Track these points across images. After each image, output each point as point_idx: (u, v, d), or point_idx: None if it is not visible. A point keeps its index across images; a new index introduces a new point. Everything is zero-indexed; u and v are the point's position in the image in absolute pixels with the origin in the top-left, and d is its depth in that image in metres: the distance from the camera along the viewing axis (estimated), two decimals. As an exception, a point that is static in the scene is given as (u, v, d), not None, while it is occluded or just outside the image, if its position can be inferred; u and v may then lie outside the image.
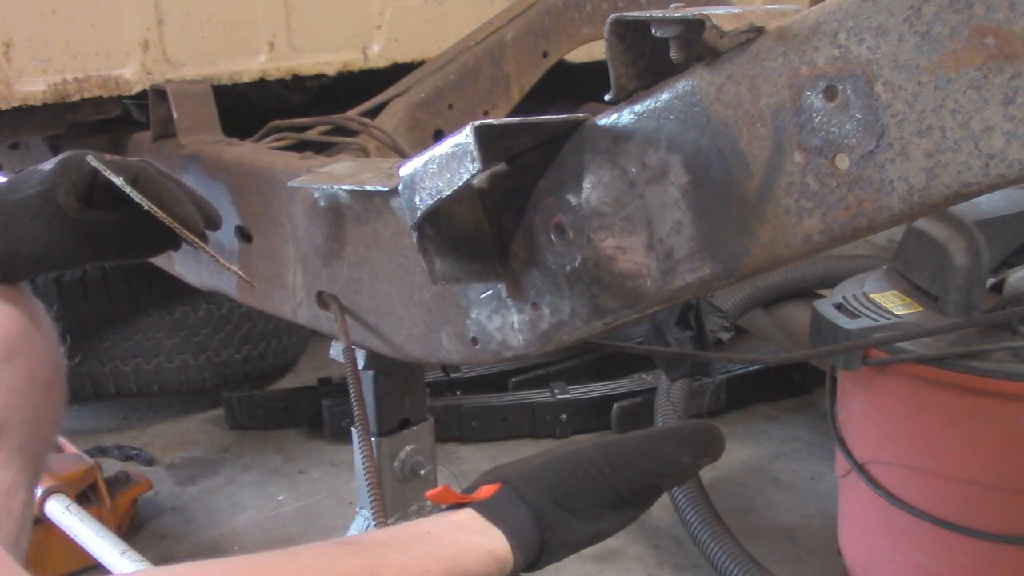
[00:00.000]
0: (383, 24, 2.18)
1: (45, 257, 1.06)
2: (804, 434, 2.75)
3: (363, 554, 0.74)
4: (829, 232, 0.82)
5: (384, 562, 0.73)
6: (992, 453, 1.62)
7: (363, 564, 0.72)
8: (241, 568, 0.70)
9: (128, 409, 3.04)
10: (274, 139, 1.67)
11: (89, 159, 1.08)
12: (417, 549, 0.76)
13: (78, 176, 1.07)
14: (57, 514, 1.76)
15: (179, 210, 1.10)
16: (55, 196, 1.05)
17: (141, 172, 1.10)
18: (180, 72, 1.86)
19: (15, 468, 1.01)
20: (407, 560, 0.74)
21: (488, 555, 0.79)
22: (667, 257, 0.92)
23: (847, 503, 1.98)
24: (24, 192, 1.05)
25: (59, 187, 1.05)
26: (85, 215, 1.07)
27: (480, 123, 0.88)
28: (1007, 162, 0.71)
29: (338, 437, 2.72)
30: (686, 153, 0.89)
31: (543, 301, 1.04)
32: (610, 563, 2.20)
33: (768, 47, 0.82)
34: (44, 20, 1.67)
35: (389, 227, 1.21)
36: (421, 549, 0.77)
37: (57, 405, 1.11)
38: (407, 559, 0.75)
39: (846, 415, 1.88)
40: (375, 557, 0.74)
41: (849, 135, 0.78)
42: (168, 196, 1.10)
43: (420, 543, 0.78)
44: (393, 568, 0.73)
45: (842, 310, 1.76)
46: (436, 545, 0.78)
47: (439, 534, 0.80)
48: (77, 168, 1.08)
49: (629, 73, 0.92)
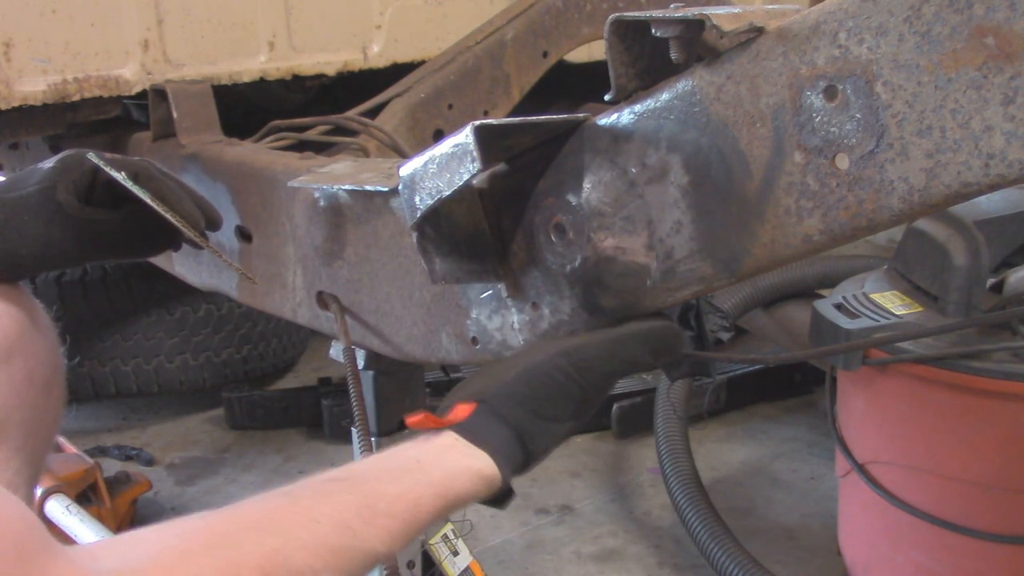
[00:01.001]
0: (383, 24, 2.18)
1: (45, 255, 1.06)
2: (804, 434, 2.75)
3: (356, 488, 0.76)
4: (829, 232, 0.82)
5: (377, 495, 0.76)
6: (992, 453, 1.62)
7: (358, 500, 0.75)
8: (248, 514, 0.72)
9: (128, 409, 3.04)
10: (274, 139, 1.67)
11: (90, 156, 1.08)
12: (408, 479, 0.79)
13: (78, 174, 1.07)
14: (57, 514, 1.75)
15: (180, 208, 1.11)
16: (55, 194, 1.05)
17: (142, 170, 1.10)
18: (180, 72, 1.86)
19: (13, 468, 1.01)
20: (399, 490, 0.78)
21: (476, 475, 0.83)
22: (667, 257, 0.92)
23: (847, 503, 1.98)
24: (24, 190, 1.05)
25: (59, 185, 1.05)
26: (85, 213, 1.07)
27: (480, 123, 0.88)
28: (1007, 162, 0.71)
29: (338, 437, 2.71)
30: (686, 153, 0.89)
31: (543, 301, 1.04)
32: (610, 563, 2.20)
33: (768, 47, 0.82)
34: (44, 20, 1.67)
35: (389, 227, 1.21)
36: (412, 478, 0.79)
37: (56, 405, 1.11)
38: (399, 489, 0.78)
39: (846, 415, 1.88)
40: (368, 491, 0.76)
41: (849, 135, 0.78)
42: (169, 194, 1.11)
43: (409, 472, 0.80)
44: (387, 499, 0.76)
45: (842, 310, 1.76)
46: (425, 472, 0.81)
47: (426, 461, 0.82)
48: (77, 166, 1.08)
49: (629, 73, 0.92)
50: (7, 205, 1.05)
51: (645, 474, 2.58)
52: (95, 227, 1.08)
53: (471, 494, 0.83)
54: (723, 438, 2.75)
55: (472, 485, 0.82)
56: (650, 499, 2.45)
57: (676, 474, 2.17)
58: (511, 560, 2.20)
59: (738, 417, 2.86)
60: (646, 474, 2.57)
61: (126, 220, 1.11)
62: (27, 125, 1.78)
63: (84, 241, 1.08)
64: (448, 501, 0.81)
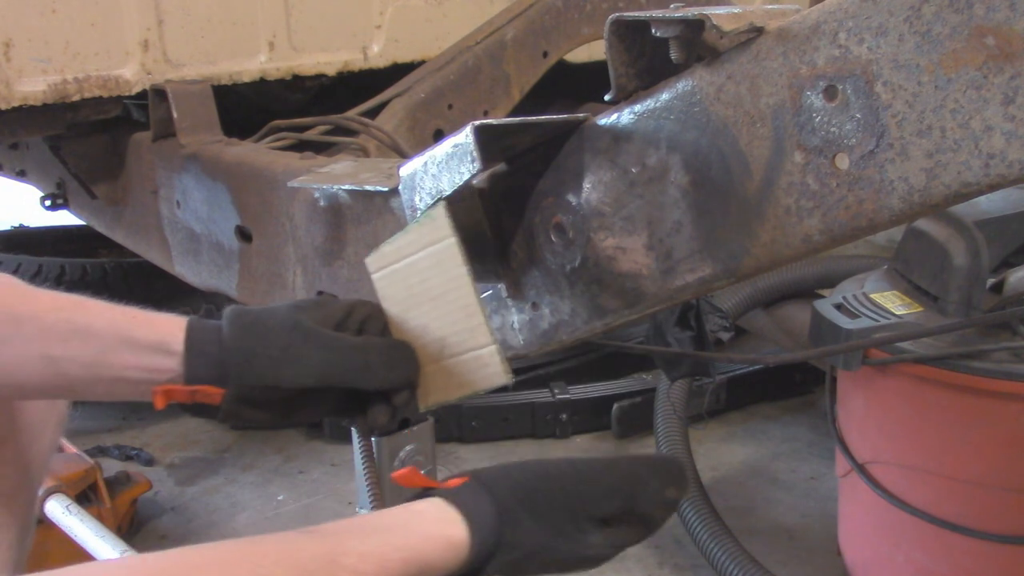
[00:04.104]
0: (383, 24, 2.18)
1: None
2: (804, 434, 2.75)
3: (323, 542, 0.75)
4: (829, 232, 0.82)
5: (343, 550, 0.74)
6: (992, 453, 1.62)
7: (323, 552, 0.73)
8: (200, 555, 0.70)
9: (128, 409, 3.03)
10: (274, 139, 1.67)
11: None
12: (376, 538, 0.78)
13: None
14: (57, 514, 1.75)
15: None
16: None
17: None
18: (180, 72, 1.86)
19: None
20: (365, 548, 0.76)
21: (446, 541, 0.80)
22: (667, 257, 0.92)
23: (847, 503, 1.98)
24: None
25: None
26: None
27: (480, 123, 0.88)
28: (1007, 162, 0.71)
29: (338, 437, 2.71)
30: (686, 153, 0.88)
31: (543, 301, 1.04)
32: (610, 563, 2.19)
33: (768, 47, 0.82)
34: (44, 20, 1.67)
35: (389, 227, 1.21)
36: (380, 538, 0.78)
37: (60, 406, 1.11)
38: (365, 547, 0.76)
39: (846, 415, 1.88)
40: (334, 544, 0.75)
41: (849, 135, 0.78)
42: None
43: (379, 532, 0.79)
44: (352, 556, 0.74)
45: (842, 310, 1.76)
46: (395, 533, 0.79)
47: (399, 523, 0.81)
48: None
49: (629, 73, 0.92)
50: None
51: (645, 474, 2.57)
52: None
53: (439, 560, 0.80)
54: (723, 438, 2.75)
55: (443, 552, 0.80)
56: (650, 499, 2.45)
57: (676, 474, 2.17)
58: (511, 560, 2.20)
59: (738, 417, 2.86)
60: (646, 474, 2.57)
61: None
62: (27, 125, 1.78)
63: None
64: (416, 567, 0.78)
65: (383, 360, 0.93)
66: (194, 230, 1.68)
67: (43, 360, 0.89)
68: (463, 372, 0.94)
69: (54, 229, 3.66)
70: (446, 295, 0.93)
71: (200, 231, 1.66)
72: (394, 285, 0.98)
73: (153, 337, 0.91)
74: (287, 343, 0.91)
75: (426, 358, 0.96)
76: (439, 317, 0.94)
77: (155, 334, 0.92)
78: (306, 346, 0.91)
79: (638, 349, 1.75)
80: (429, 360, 0.96)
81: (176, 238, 1.76)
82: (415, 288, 0.95)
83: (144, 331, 0.91)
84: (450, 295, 0.93)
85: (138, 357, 0.90)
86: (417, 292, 0.95)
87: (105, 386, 0.91)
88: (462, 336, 0.93)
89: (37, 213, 2.80)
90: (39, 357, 0.89)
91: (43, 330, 0.89)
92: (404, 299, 0.97)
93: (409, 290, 0.96)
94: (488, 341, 0.91)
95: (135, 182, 1.93)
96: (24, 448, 1.04)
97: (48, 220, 3.25)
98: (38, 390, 0.94)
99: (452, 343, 0.94)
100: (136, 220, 1.97)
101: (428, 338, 0.95)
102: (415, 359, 0.96)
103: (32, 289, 0.94)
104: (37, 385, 0.91)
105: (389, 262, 0.98)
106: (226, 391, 0.91)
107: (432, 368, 0.96)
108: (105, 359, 0.89)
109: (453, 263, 0.91)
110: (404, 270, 0.96)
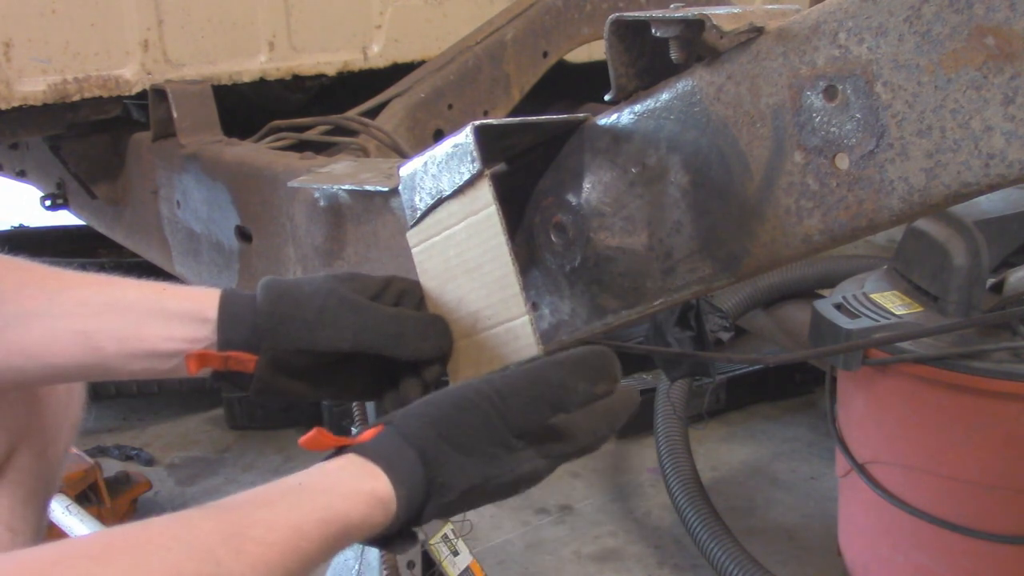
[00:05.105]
0: (383, 24, 2.18)
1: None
2: (804, 434, 2.75)
3: (223, 516, 0.68)
4: (829, 232, 0.82)
5: (249, 521, 0.67)
6: (992, 453, 1.62)
7: (224, 527, 0.66)
8: (90, 542, 0.64)
9: (128, 409, 3.04)
10: (274, 139, 1.66)
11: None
12: (285, 502, 0.70)
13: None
14: (57, 514, 1.76)
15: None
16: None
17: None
18: (180, 72, 1.86)
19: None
20: (274, 516, 0.68)
21: (368, 496, 0.73)
22: (667, 257, 0.92)
23: (847, 503, 1.98)
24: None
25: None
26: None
27: (480, 123, 0.88)
28: (1007, 162, 0.71)
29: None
30: (686, 153, 0.89)
31: (543, 301, 1.04)
32: (610, 563, 2.20)
33: (768, 47, 0.82)
34: (44, 20, 1.67)
35: (389, 227, 1.21)
36: (290, 502, 0.71)
37: (75, 409, 1.11)
38: (274, 515, 0.68)
39: (846, 415, 1.88)
40: (237, 518, 0.68)
41: (849, 135, 0.78)
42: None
43: (288, 496, 0.71)
44: (260, 527, 0.67)
45: (842, 310, 1.76)
46: (307, 495, 0.72)
47: (310, 483, 0.74)
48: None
49: (629, 73, 0.92)
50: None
51: (645, 474, 2.58)
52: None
53: (364, 518, 0.73)
54: (723, 438, 2.75)
55: (366, 507, 0.73)
56: (650, 499, 2.45)
57: (676, 474, 2.17)
58: (511, 560, 2.20)
59: (738, 417, 2.86)
60: (646, 474, 2.57)
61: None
62: (27, 125, 1.78)
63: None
64: (337, 527, 0.71)
65: (417, 331, 0.91)
66: (194, 230, 1.68)
67: (77, 335, 0.87)
68: (495, 345, 0.93)
69: (54, 229, 3.66)
70: (483, 266, 0.93)
71: (200, 231, 1.66)
72: (432, 259, 0.98)
73: (186, 306, 0.89)
74: (322, 306, 0.89)
75: (459, 332, 0.96)
76: (474, 289, 0.94)
77: (188, 303, 0.90)
78: (341, 310, 0.89)
79: (638, 349, 1.75)
80: (462, 335, 0.96)
81: (176, 238, 1.76)
82: (452, 261, 0.96)
83: (177, 301, 0.90)
84: (487, 266, 0.93)
85: (171, 327, 0.88)
86: (454, 265, 0.96)
87: (140, 362, 0.88)
88: (496, 308, 0.92)
89: (37, 213, 2.80)
90: (73, 332, 0.87)
91: (78, 304, 0.88)
92: (441, 272, 0.97)
93: (446, 263, 0.97)
94: (522, 312, 0.90)
95: (135, 182, 1.93)
96: (40, 452, 1.04)
97: (48, 220, 3.25)
98: (71, 368, 0.90)
99: (485, 316, 0.93)
100: (136, 220, 1.97)
101: (462, 312, 0.95)
102: (449, 333, 0.94)
103: (58, 268, 0.93)
104: (70, 362, 0.88)
105: (429, 235, 0.98)
106: (259, 357, 0.89)
107: (464, 343, 0.96)
108: (139, 332, 0.87)
109: (492, 232, 0.91)
110: (442, 243, 0.97)
